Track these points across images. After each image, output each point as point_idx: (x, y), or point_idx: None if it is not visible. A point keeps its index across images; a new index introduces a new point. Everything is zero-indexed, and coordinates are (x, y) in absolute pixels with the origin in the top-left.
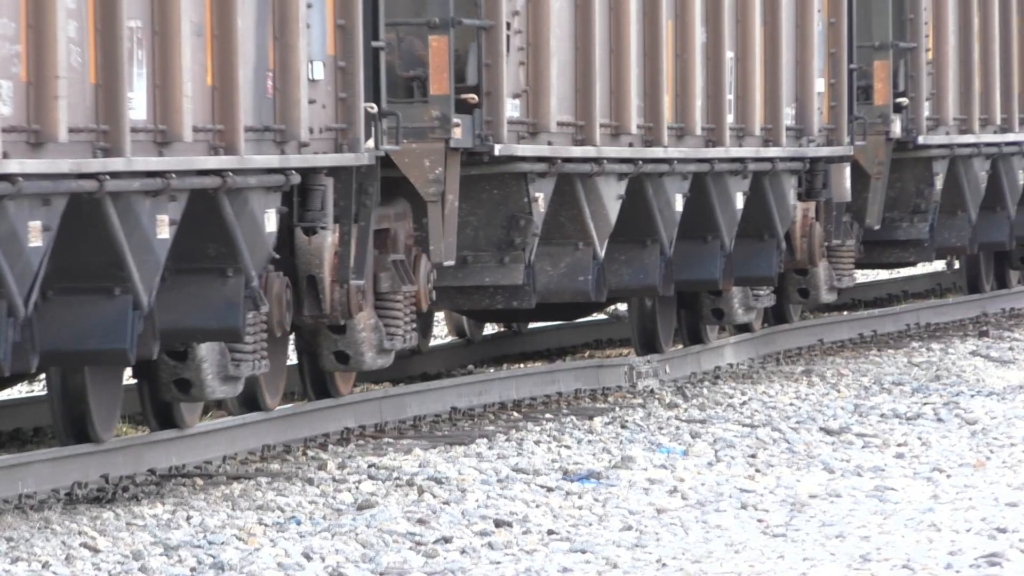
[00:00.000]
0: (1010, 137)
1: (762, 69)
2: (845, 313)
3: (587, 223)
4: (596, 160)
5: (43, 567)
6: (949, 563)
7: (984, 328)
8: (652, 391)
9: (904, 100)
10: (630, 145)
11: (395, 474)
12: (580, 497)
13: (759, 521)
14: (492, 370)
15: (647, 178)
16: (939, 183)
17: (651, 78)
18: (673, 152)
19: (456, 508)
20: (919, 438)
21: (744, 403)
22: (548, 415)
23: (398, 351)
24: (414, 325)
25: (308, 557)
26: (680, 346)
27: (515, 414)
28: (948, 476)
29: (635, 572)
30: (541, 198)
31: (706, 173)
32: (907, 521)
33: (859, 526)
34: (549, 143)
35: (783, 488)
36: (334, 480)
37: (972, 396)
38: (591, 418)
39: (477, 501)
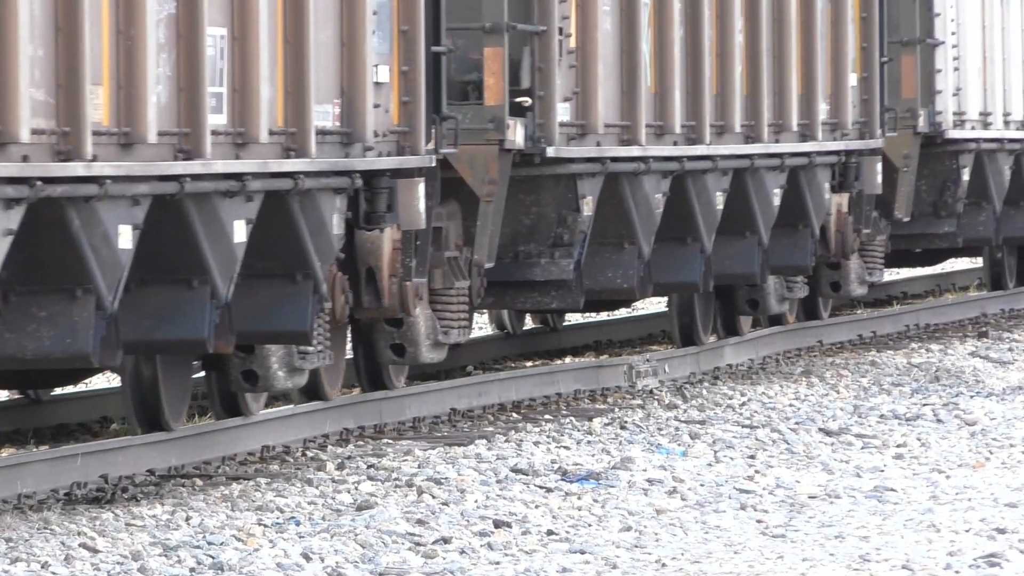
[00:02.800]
0: (698, 150)
1: (280, 52)
2: (845, 313)
3: None
4: None
5: (42, 567)
6: (948, 563)
7: (983, 329)
8: (651, 392)
9: (527, 100)
10: (24, 159)
11: (394, 475)
12: (579, 498)
13: (758, 522)
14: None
15: (69, 204)
16: (588, 208)
17: (67, 63)
18: (106, 167)
19: (455, 509)
20: (918, 439)
21: (743, 404)
22: (547, 416)
23: None
24: None
25: (307, 557)
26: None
27: (514, 415)
28: (947, 477)
29: (634, 573)
30: None
31: (175, 195)
32: (906, 522)
33: (858, 527)
34: None
35: (782, 489)
36: (333, 481)
37: (971, 397)
38: (590, 419)
39: (476, 502)
